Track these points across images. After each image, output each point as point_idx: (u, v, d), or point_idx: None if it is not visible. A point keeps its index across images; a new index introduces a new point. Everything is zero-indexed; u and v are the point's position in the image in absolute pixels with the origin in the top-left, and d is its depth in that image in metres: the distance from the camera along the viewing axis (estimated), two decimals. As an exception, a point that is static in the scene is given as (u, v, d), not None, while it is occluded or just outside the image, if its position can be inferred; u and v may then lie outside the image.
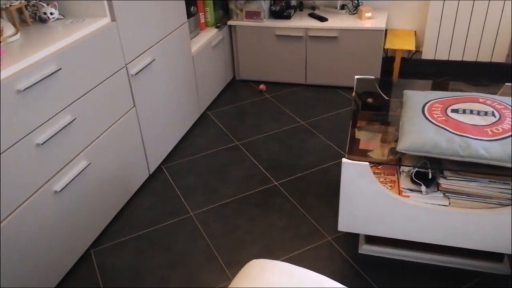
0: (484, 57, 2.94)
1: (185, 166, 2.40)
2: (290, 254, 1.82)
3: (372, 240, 1.78)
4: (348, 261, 1.76)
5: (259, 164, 2.37)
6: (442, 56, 3.02)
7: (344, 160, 1.49)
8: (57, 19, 1.76)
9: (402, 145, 1.48)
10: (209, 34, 2.84)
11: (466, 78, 3.07)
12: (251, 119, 2.79)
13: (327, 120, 2.72)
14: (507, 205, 1.43)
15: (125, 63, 1.92)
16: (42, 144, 1.50)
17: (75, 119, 1.64)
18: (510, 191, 1.42)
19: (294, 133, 2.62)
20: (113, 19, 1.81)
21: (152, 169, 2.28)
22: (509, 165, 1.37)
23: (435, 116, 1.56)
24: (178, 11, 2.36)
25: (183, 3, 2.40)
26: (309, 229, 1.93)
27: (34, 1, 1.70)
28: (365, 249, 1.77)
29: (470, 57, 2.97)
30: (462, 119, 1.52)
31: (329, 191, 2.14)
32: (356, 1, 3.03)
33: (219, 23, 3.00)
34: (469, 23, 2.85)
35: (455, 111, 1.57)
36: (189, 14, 2.62)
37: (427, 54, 3.03)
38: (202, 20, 2.88)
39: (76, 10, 1.79)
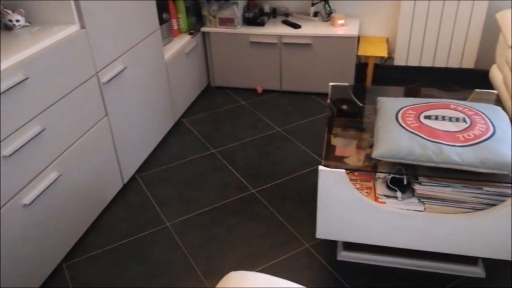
0: (453, 63, 3.02)
1: (161, 175, 2.36)
2: (269, 262, 1.80)
3: (350, 246, 1.78)
4: (326, 268, 1.75)
5: (236, 172, 2.35)
6: (413, 62, 3.08)
7: (320, 167, 1.49)
8: (24, 26, 1.70)
9: (377, 152, 1.49)
10: (183, 41, 2.81)
11: (436, 84, 3.14)
12: (227, 126, 2.77)
13: (303, 127, 2.73)
14: (480, 209, 1.46)
15: (96, 71, 1.87)
16: (10, 156, 1.44)
17: (44, 129, 1.58)
18: (482, 196, 1.45)
19: (271, 140, 2.61)
20: (83, 26, 1.76)
21: (126, 179, 2.23)
22: (480, 170, 1.40)
23: (408, 122, 1.58)
24: (150, 18, 2.32)
25: (154, 10, 2.37)
26: (287, 236, 1.92)
27: (-1, 8, 1.64)
28: (343, 255, 1.77)
29: (440, 63, 3.04)
30: (434, 126, 1.55)
31: (306, 198, 2.14)
32: (328, 9, 3.06)
33: (193, 29, 2.98)
34: (439, 31, 2.92)
35: (427, 117, 1.60)
36: (162, 21, 2.59)
37: (399, 60, 3.09)
38: (175, 27, 2.85)
39: (44, 17, 1.73)
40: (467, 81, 3.15)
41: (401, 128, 1.55)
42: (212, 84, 3.26)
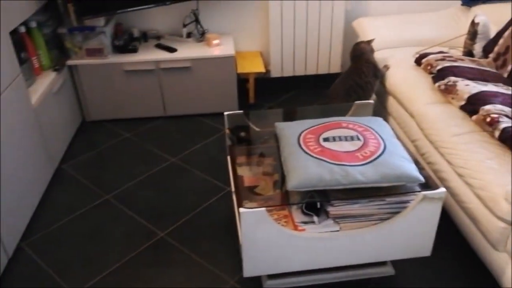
0: (323, 70, 3.26)
1: (52, 237, 2.08)
2: (196, 311, 1.73)
3: (273, 274, 1.80)
4: (255, 301, 1.75)
5: (138, 216, 2.20)
6: (288, 73, 3.24)
7: (241, 209, 1.47)
8: None
9: (291, 184, 1.53)
10: (48, 79, 2.52)
11: (312, 90, 3.35)
12: (115, 165, 2.57)
13: (197, 152, 2.68)
14: (387, 218, 1.59)
15: (-44, 140, 1.56)
16: None
17: None
18: (386, 207, 1.58)
19: (167, 173, 2.50)
20: None
21: (10, 252, 1.92)
22: (383, 185, 1.53)
23: (311, 148, 1.65)
24: (9, 63, 2.03)
25: (13, 52, 2.07)
26: (210, 276, 1.87)
27: None
28: (269, 284, 1.79)
29: (311, 71, 3.26)
30: (335, 148, 1.64)
31: (219, 231, 2.10)
32: (201, 29, 3.03)
33: (57, 65, 2.69)
34: (306, 42, 3.12)
35: (326, 139, 1.69)
36: (21, 61, 2.28)
37: (275, 72, 3.22)
38: (37, 65, 2.53)
39: None
40: (336, 84, 3.42)
41: (306, 155, 1.61)
42: (88, 119, 3.00)
